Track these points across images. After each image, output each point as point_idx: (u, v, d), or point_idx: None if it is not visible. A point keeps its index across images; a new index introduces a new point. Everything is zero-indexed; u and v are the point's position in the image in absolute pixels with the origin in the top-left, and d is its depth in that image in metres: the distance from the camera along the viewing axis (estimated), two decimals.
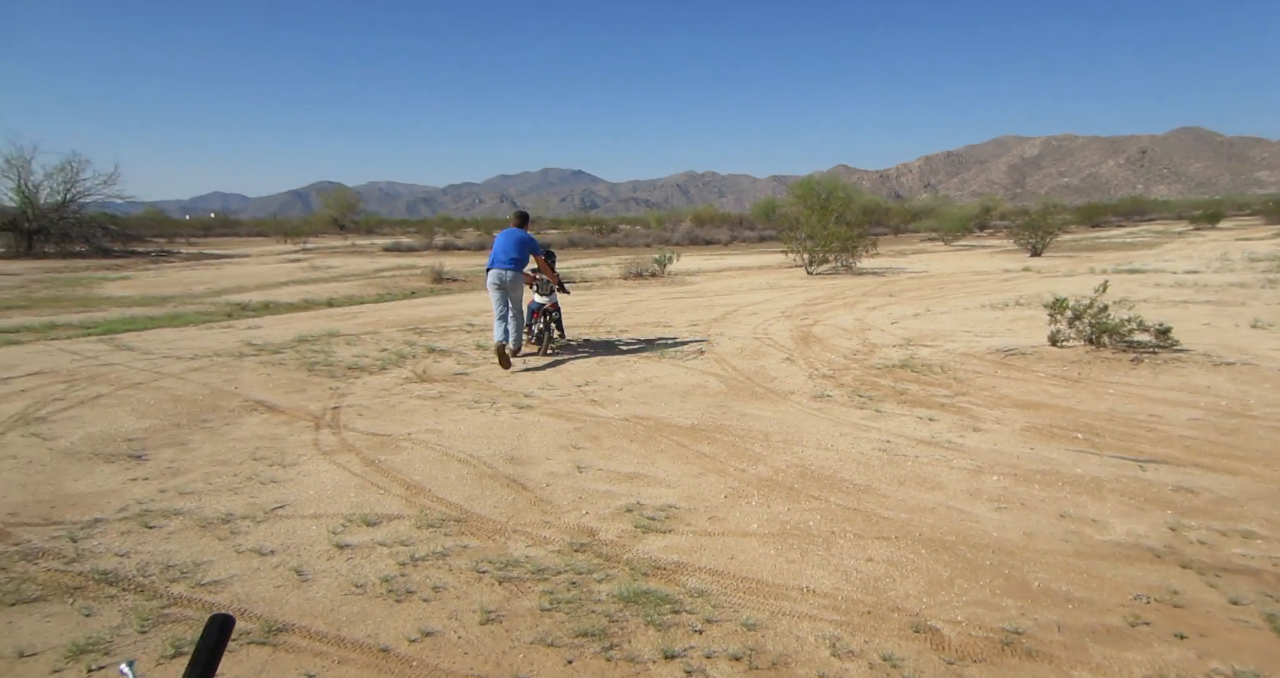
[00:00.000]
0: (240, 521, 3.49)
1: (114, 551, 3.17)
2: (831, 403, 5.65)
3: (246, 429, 5.00)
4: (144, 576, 2.94)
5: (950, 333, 8.44)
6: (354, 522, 3.47)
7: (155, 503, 3.70)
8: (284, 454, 4.46)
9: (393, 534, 3.35)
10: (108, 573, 2.96)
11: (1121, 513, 3.49)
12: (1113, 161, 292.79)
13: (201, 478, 4.06)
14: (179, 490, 3.88)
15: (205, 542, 3.27)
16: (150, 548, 3.20)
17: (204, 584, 2.89)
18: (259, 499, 3.75)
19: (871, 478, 4.03)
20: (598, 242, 32.84)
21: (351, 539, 3.29)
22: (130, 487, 3.93)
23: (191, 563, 3.06)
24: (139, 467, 4.25)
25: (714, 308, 11.22)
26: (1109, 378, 6.07)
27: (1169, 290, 11.42)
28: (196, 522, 3.47)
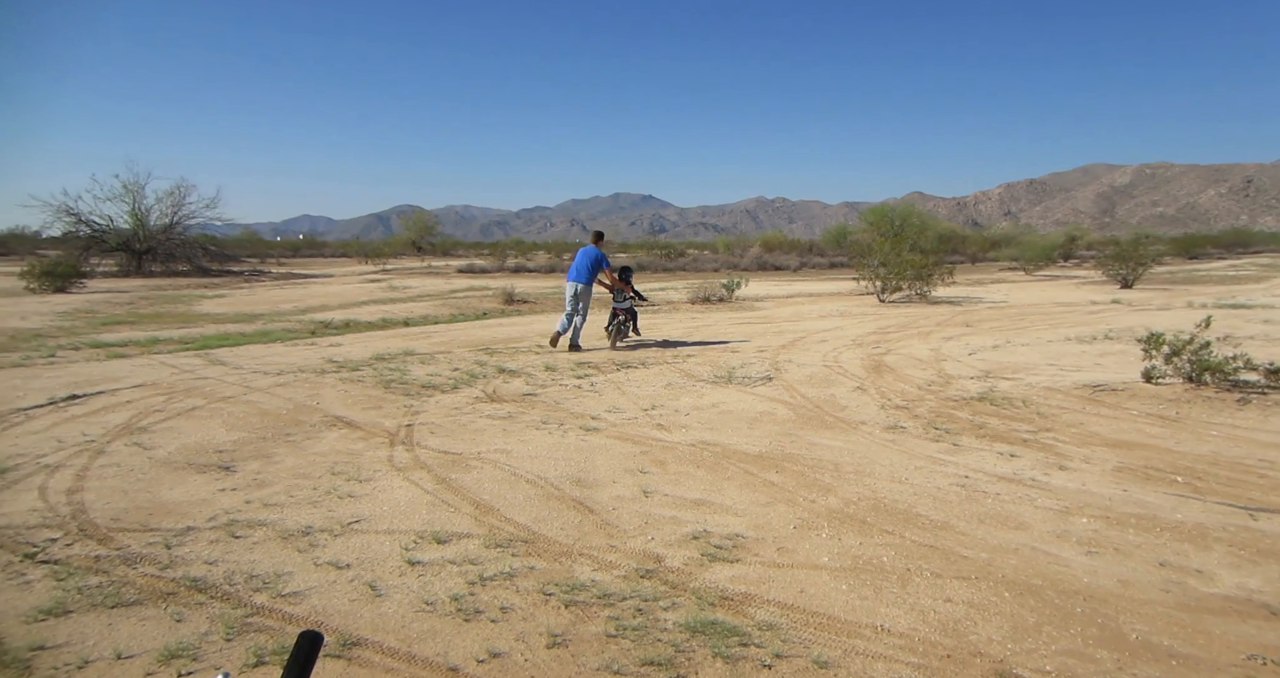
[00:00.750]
0: (319, 533, 3.63)
1: (204, 558, 3.34)
2: (905, 435, 5.47)
3: (326, 444, 5.21)
4: (230, 584, 3.09)
5: (1033, 366, 8.07)
6: (425, 539, 3.55)
7: (241, 513, 3.89)
8: (360, 469, 4.62)
9: (462, 553, 3.41)
10: (198, 580, 3.11)
11: (1230, 564, 3.22)
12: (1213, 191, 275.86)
13: (284, 490, 4.25)
14: (263, 502, 4.06)
15: (286, 553, 3.40)
16: (236, 557, 3.36)
17: (284, 595, 3.00)
18: (336, 513, 3.90)
19: (949, 514, 3.87)
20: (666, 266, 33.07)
21: (423, 556, 3.37)
22: (219, 497, 4.15)
23: (273, 574, 3.19)
24: (228, 478, 4.48)
25: (782, 334, 11.08)
26: (1211, 419, 5.67)
27: (1277, 328, 10.60)
28: (278, 533, 3.62)
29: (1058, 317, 13.21)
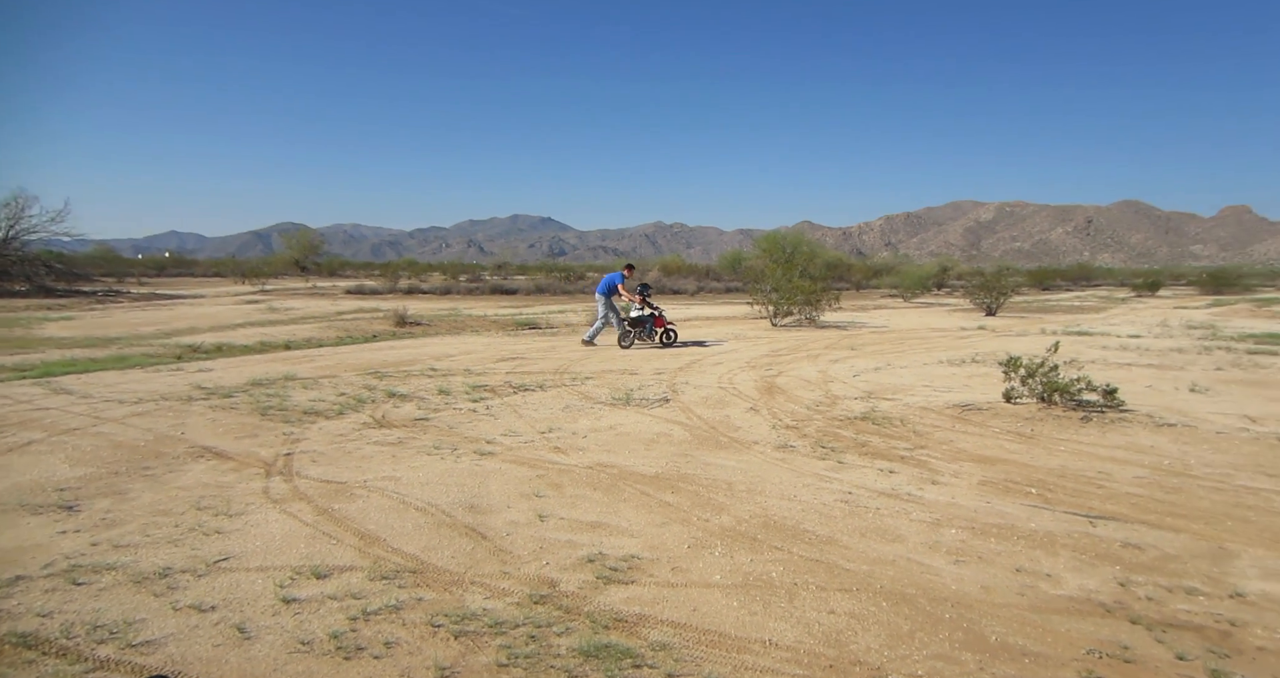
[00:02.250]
0: (179, 575, 3.34)
1: (35, 611, 2.99)
2: (795, 453, 5.70)
3: (191, 477, 4.83)
4: (68, 637, 2.78)
5: (910, 387, 8.64)
6: (303, 574, 3.35)
7: (86, 557, 3.52)
8: (231, 503, 4.30)
9: (344, 587, 3.24)
10: (26, 636, 2.78)
11: (1074, 568, 3.57)
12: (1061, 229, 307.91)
13: (139, 529, 3.89)
14: (113, 543, 3.70)
15: (139, 598, 3.11)
16: (77, 606, 3.03)
17: (135, 645, 2.74)
18: (201, 551, 3.60)
19: (834, 529, 4.06)
20: (565, 288, 33.04)
21: (300, 593, 3.17)
22: (59, 540, 3.74)
23: (123, 622, 2.90)
24: (70, 518, 4.05)
25: (680, 357, 11.32)
26: (1060, 435, 6.27)
27: (1114, 353, 11.92)
28: (131, 577, 3.31)
29: (932, 341, 14.24)
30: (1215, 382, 8.82)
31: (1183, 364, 10.42)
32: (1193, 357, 11.32)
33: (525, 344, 12.77)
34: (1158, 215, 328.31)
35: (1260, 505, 4.47)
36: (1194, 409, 7.21)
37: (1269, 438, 6.04)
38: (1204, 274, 51.56)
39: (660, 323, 13.14)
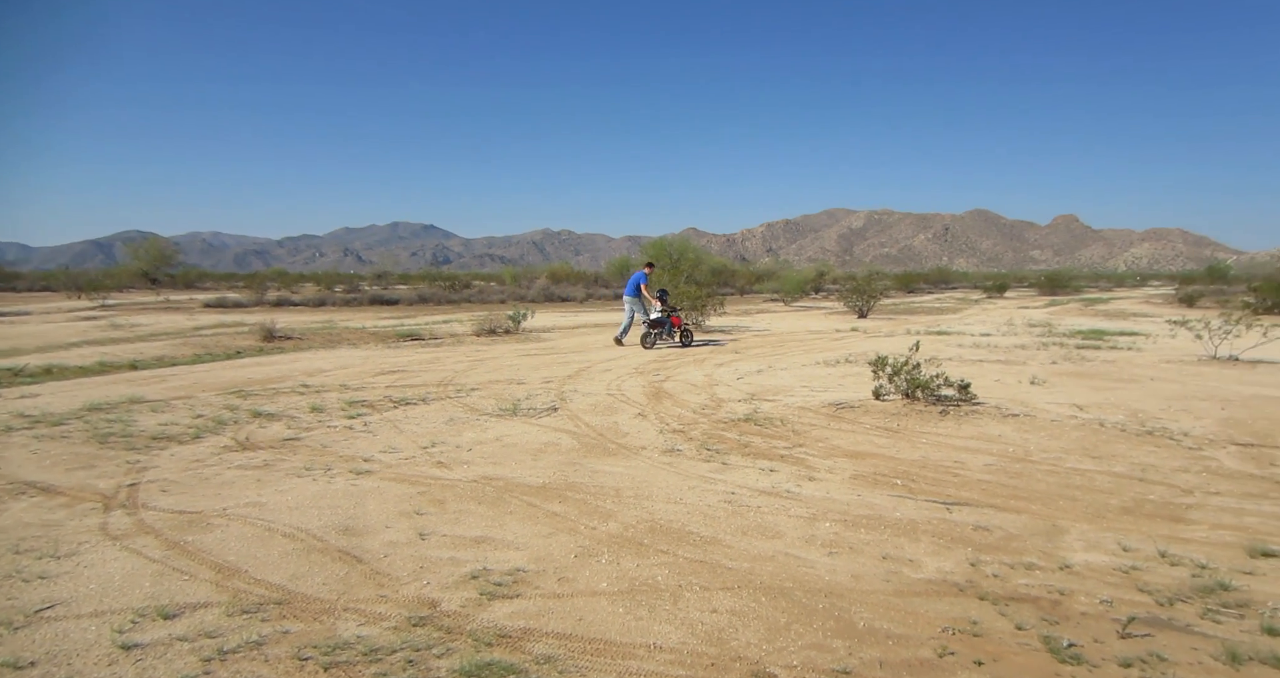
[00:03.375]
0: None
1: None
2: (681, 457, 5.82)
3: (10, 517, 4.28)
4: None
5: (790, 388, 9.04)
6: (147, 616, 3.05)
7: None
8: (59, 543, 3.85)
9: (197, 626, 2.98)
10: None
11: (932, 552, 3.86)
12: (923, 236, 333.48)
13: None
14: None
15: None
16: None
17: None
18: (20, 600, 3.20)
19: (717, 529, 4.18)
20: (450, 297, 32.12)
21: (143, 638, 2.88)
22: None
23: None
24: None
25: (568, 364, 11.28)
26: (922, 428, 6.77)
27: (968, 350, 13.03)
28: None
29: (810, 343, 14.98)
30: (1051, 375, 9.82)
31: (1025, 359, 11.54)
32: (1033, 352, 12.57)
33: (407, 356, 12.30)
34: (1004, 223, 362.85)
35: (1085, 485, 5.02)
36: (1034, 400, 7.99)
37: (1092, 424, 6.80)
38: (1042, 277, 57.46)
39: (676, 321, 14.22)
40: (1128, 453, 5.81)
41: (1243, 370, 10.16)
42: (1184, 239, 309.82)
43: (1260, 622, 3.04)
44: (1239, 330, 11.15)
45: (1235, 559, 3.71)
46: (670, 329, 14.05)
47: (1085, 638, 2.92)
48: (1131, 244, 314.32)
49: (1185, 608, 3.18)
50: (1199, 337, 11.51)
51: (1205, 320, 11.74)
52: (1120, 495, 4.78)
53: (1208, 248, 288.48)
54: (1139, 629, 2.98)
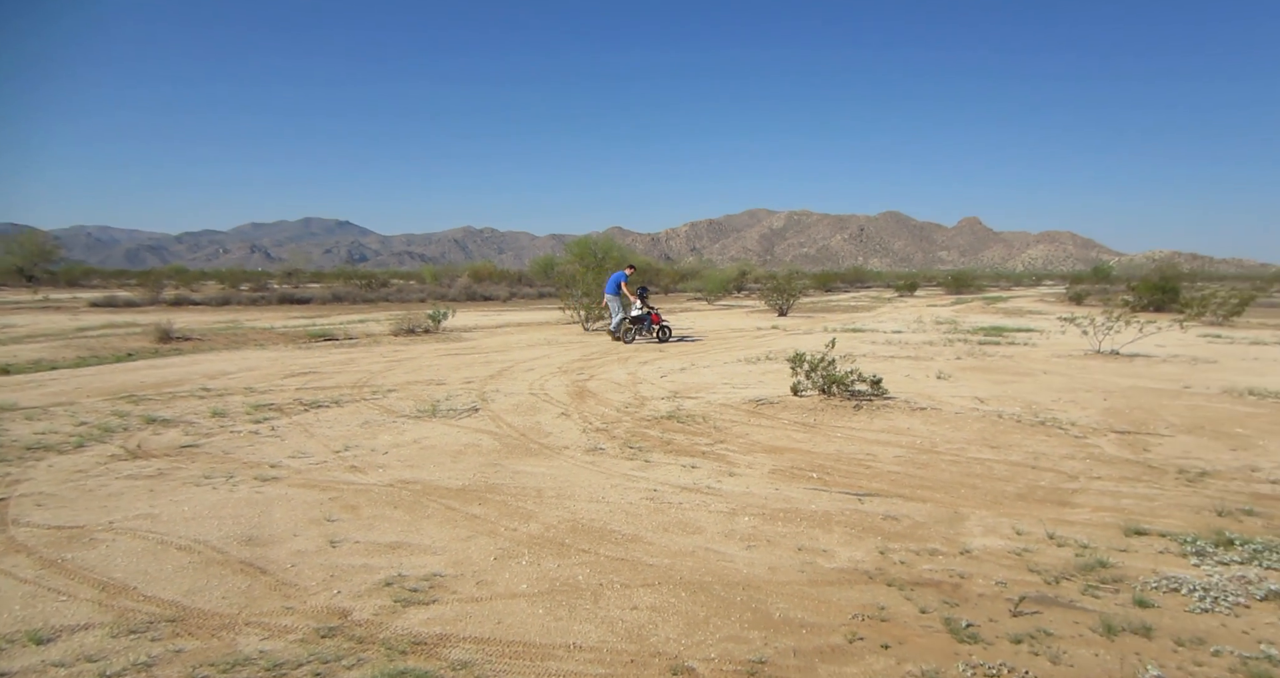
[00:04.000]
0: None
1: None
2: (604, 456, 5.82)
3: None
4: None
5: (712, 385, 9.19)
6: (16, 643, 2.80)
7: None
8: None
9: (76, 650, 2.76)
10: None
11: (845, 542, 4.01)
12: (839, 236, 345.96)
13: None
14: None
15: None
16: None
17: None
18: None
19: (639, 527, 4.20)
20: (366, 297, 31.01)
21: (9, 665, 2.65)
22: None
23: None
24: None
25: (490, 364, 11.09)
26: (837, 423, 7.02)
27: (881, 347, 13.60)
28: None
29: (732, 341, 15.28)
30: (956, 369, 10.37)
31: (932, 355, 12.14)
32: (940, 348, 13.25)
33: (319, 357, 11.80)
34: (914, 225, 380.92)
35: (985, 473, 5.33)
36: (940, 394, 8.42)
37: (992, 415, 7.22)
38: (949, 277, 60.63)
39: (656, 319, 14.95)
40: (1022, 442, 6.20)
41: (1122, 363, 11.02)
42: (1074, 241, 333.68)
43: (1132, 595, 3.30)
44: (1119, 327, 12.08)
45: (1113, 538, 4.02)
46: (649, 325, 14.80)
47: (982, 618, 3.10)
48: (1028, 246, 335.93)
49: (1069, 586, 3.42)
50: (1085, 333, 12.42)
51: (1091, 318, 12.67)
52: (1015, 482, 5.09)
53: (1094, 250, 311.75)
54: (1029, 607, 3.18)
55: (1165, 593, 3.33)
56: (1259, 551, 3.75)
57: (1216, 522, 4.26)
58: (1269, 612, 3.17)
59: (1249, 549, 3.76)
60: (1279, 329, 17.80)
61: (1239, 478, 5.19)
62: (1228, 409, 7.50)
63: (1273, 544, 3.83)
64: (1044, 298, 40.53)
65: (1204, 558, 3.71)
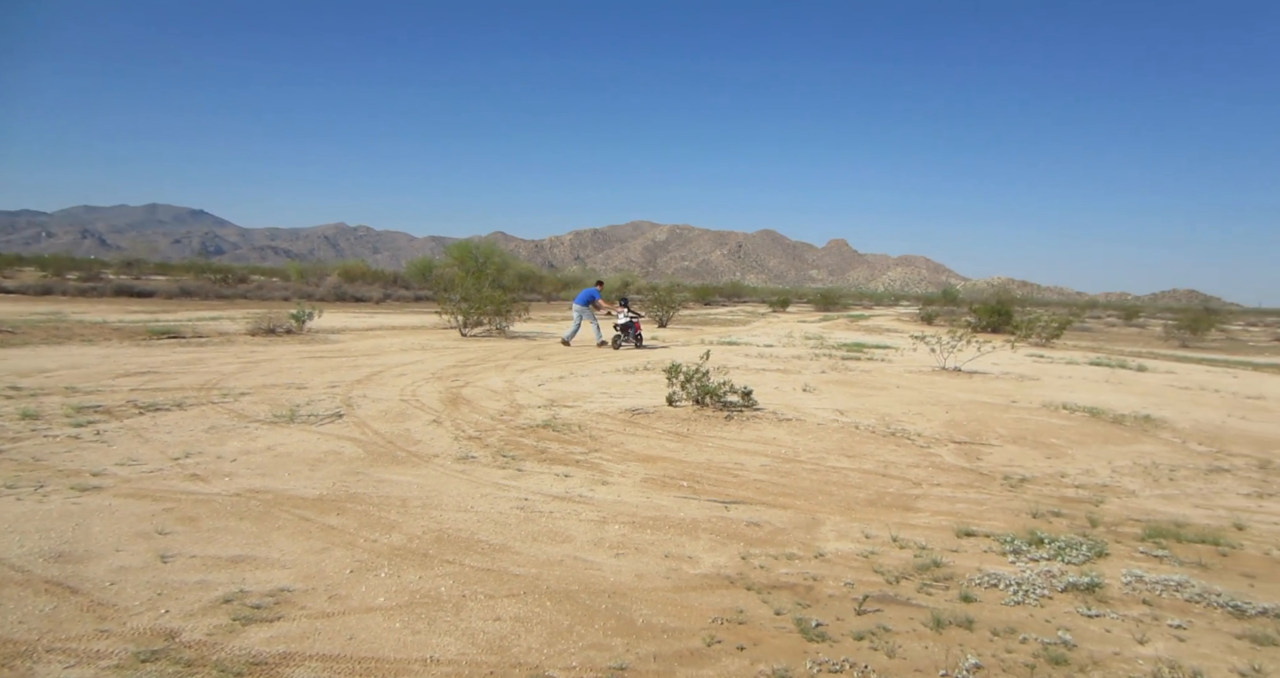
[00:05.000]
0: None
1: None
2: (475, 464, 5.69)
3: None
4: None
5: (589, 394, 9.22)
6: None
7: None
8: None
9: None
10: None
11: (710, 548, 4.14)
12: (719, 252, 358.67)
13: None
14: None
15: None
16: None
17: None
18: None
19: (508, 536, 4.13)
20: (221, 292, 28.61)
21: None
22: None
23: None
24: None
25: (359, 368, 10.55)
26: (709, 433, 7.24)
27: (753, 360, 14.20)
28: None
29: (611, 351, 15.40)
30: (820, 383, 11.01)
31: (800, 369, 12.82)
32: (807, 362, 14.01)
33: (162, 356, 10.75)
34: (788, 244, 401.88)
35: (841, 481, 5.69)
36: (805, 405, 8.90)
37: (850, 426, 7.72)
38: (818, 295, 64.41)
39: (638, 327, 16.25)
40: (875, 452, 6.68)
41: (963, 380, 12.14)
42: (927, 266, 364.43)
43: (959, 592, 3.64)
44: (961, 346, 13.31)
45: (947, 540, 4.41)
46: (636, 334, 16.09)
47: (830, 617, 3.30)
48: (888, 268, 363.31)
49: (907, 584, 3.71)
50: (933, 350, 13.57)
51: (938, 337, 13.86)
52: (867, 489, 5.47)
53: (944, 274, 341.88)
54: (872, 606, 3.43)
55: (986, 588, 3.70)
56: (1062, 548, 4.24)
57: (1031, 523, 4.78)
58: (1067, 602, 3.60)
59: (1054, 547, 4.25)
60: (1088, 351, 20.26)
61: (1051, 483, 5.85)
62: (1045, 422, 8.44)
63: (1074, 542, 4.35)
64: (900, 317, 43.90)
65: (1019, 556, 4.15)
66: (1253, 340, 31.74)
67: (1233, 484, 6.03)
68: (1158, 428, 8.36)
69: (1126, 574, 3.90)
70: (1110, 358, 17.84)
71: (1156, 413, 9.34)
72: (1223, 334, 34.17)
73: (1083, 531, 4.67)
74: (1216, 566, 4.15)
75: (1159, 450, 7.19)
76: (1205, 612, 3.53)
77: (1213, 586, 3.80)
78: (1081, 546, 4.29)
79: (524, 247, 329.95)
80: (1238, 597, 3.66)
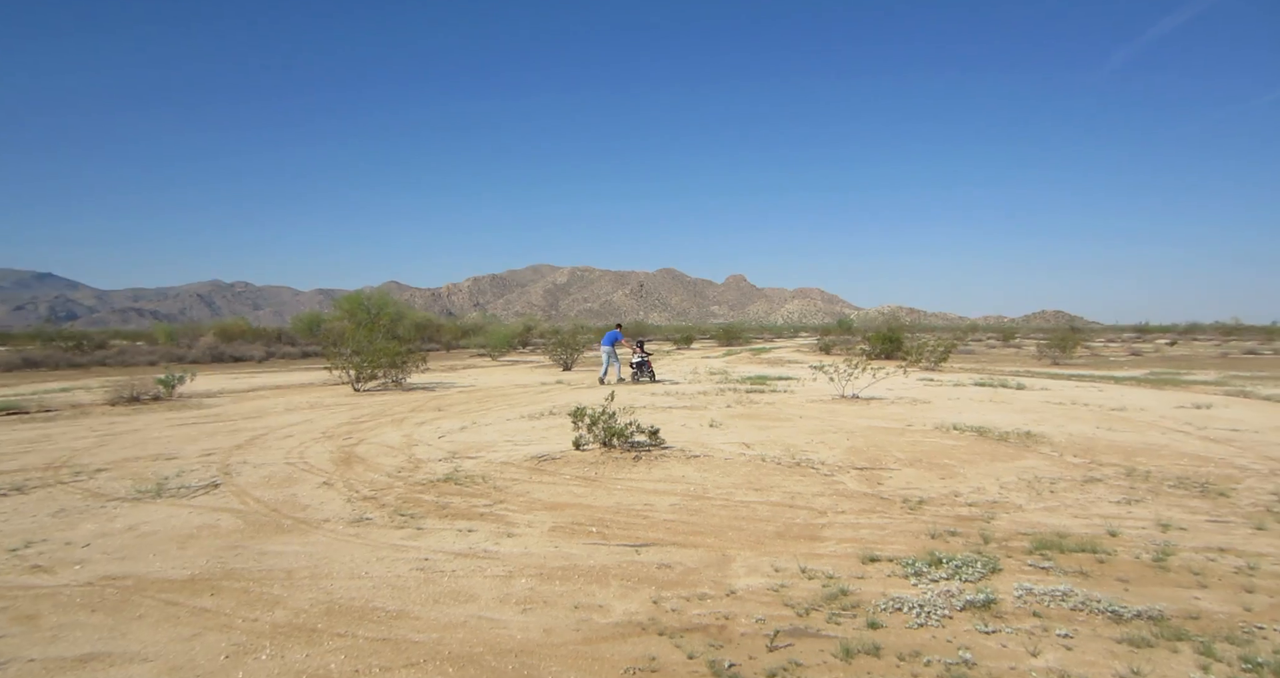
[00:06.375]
0: None
1: None
2: (371, 526, 5.41)
3: None
4: None
5: (493, 443, 9.00)
6: None
7: None
8: None
9: None
10: None
11: (620, 595, 4.09)
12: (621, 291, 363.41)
13: None
14: None
15: None
16: None
17: None
18: None
19: (406, 601, 3.93)
20: (74, 361, 26.10)
21: None
22: None
23: None
24: None
25: (238, 433, 9.86)
26: (617, 475, 7.21)
27: (660, 398, 14.33)
28: None
29: (515, 397, 15.15)
30: (727, 417, 11.23)
31: (706, 404, 13.05)
32: (713, 397, 14.28)
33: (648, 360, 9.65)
34: (688, 281, 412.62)
35: (750, 515, 5.78)
36: (712, 441, 9.04)
37: (757, 459, 7.90)
38: (720, 330, 66.09)
39: (650, 365, 18.64)
40: (782, 483, 6.84)
41: (861, 406, 12.72)
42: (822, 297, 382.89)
43: (866, 619, 3.75)
44: (858, 373, 13.98)
45: (853, 567, 4.55)
46: (650, 372, 18.49)
47: (742, 656, 3.32)
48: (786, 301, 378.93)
49: (817, 616, 3.80)
50: (831, 379, 14.17)
51: (835, 366, 14.51)
52: (775, 522, 5.59)
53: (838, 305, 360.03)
54: (783, 641, 3.48)
55: (891, 613, 3.83)
56: (959, 566, 4.47)
57: (930, 544, 5.02)
58: (966, 620, 3.78)
59: (952, 566, 4.47)
60: (972, 373, 21.78)
61: (947, 503, 6.18)
62: (938, 443, 8.95)
63: (969, 560, 4.59)
64: (800, 348, 45.68)
65: (921, 578, 4.33)
66: (1113, 356, 35.11)
67: (1105, 493, 6.57)
68: (1038, 443, 9.03)
69: (1018, 588, 4.15)
70: (993, 378, 19.24)
71: (1036, 429, 10.09)
72: (1088, 351, 37.61)
73: (977, 548, 4.94)
74: (1095, 573, 4.48)
75: (1040, 465, 7.76)
76: (1088, 619, 3.80)
77: (1093, 592, 4.10)
78: (976, 563, 4.53)
79: (420, 296, 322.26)
80: (1115, 602, 3.95)
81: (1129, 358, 32.57)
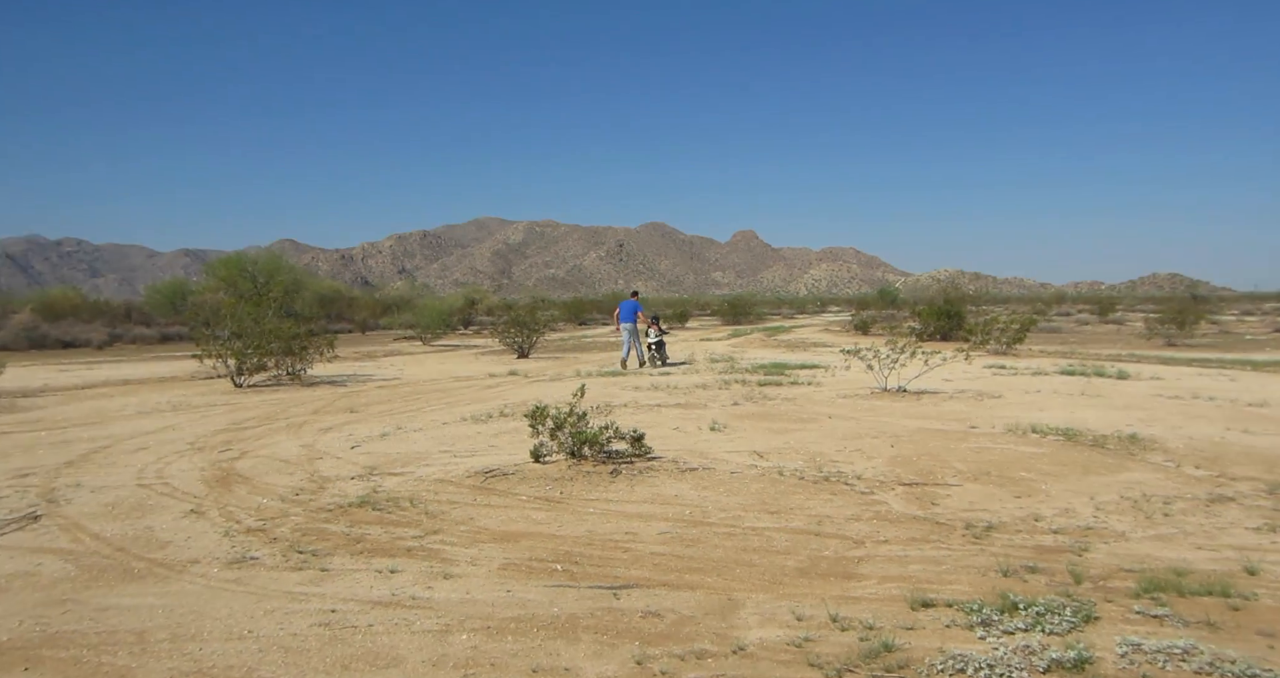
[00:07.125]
0: None
1: None
2: (257, 568, 5.37)
3: None
4: None
5: (425, 455, 8.96)
6: None
7: None
8: None
9: None
10: None
11: (593, 654, 4.07)
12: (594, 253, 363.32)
13: None
14: None
15: None
16: None
17: None
18: None
19: (304, 668, 3.89)
20: None
21: None
22: None
23: None
24: None
25: (70, 445, 9.75)
26: (590, 495, 7.20)
27: (645, 393, 14.36)
28: None
29: (455, 394, 15.12)
30: (732, 418, 11.27)
31: (705, 401, 13.08)
32: (715, 392, 14.33)
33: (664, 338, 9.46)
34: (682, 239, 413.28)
35: (763, 546, 5.79)
36: (714, 449, 9.06)
37: (772, 473, 7.92)
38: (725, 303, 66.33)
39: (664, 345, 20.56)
40: (805, 504, 6.87)
41: (909, 403, 12.81)
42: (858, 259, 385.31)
43: None
44: (905, 359, 14.05)
45: (899, 615, 4.56)
46: (665, 355, 20.30)
47: None
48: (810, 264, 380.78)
49: None
50: (870, 368, 14.24)
51: (875, 350, 14.57)
52: (797, 555, 5.60)
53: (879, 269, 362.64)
54: None
55: (951, 676, 3.83)
56: (1041, 614, 4.48)
57: (1002, 583, 5.04)
58: None
59: (1032, 613, 4.49)
60: (1057, 357, 22.05)
61: (1023, 529, 6.22)
62: (1012, 450, 9.02)
63: (1054, 604, 4.61)
64: (829, 327, 46.05)
65: (989, 628, 4.34)
66: (1250, 333, 35.46)
67: (1239, 516, 6.61)
68: (1146, 450, 9.13)
69: (1121, 643, 4.16)
70: (1085, 364, 19.46)
71: (1144, 431, 10.20)
72: (1214, 327, 37.92)
73: (1065, 589, 4.96)
74: (1228, 623, 4.48)
75: (1150, 479, 7.84)
76: None
77: (1225, 650, 4.09)
78: (1064, 609, 4.55)
79: (326, 259, 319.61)
80: (1256, 663, 3.91)
81: (1271, 336, 32.97)
